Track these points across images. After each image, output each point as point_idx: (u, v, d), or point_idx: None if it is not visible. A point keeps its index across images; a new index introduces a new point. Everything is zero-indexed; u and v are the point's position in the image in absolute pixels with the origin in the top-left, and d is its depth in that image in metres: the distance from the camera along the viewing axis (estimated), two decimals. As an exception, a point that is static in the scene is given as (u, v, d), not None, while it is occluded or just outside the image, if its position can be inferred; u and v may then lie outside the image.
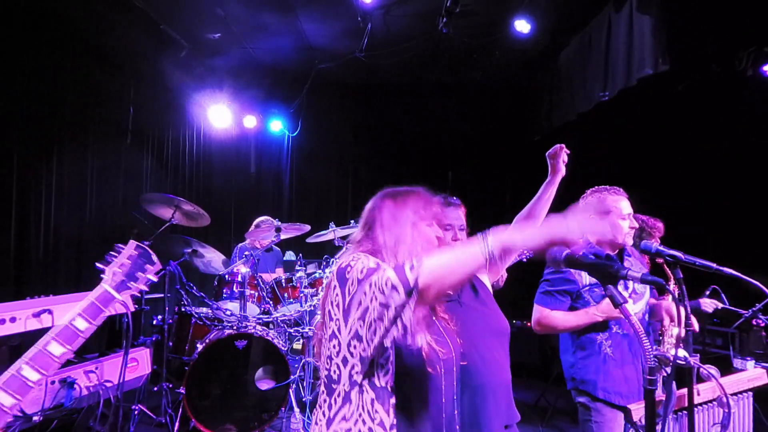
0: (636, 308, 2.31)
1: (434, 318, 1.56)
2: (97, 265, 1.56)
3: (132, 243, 1.62)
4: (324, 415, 1.37)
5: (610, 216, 2.39)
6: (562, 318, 2.27)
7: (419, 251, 1.44)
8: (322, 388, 1.42)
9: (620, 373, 2.20)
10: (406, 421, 1.36)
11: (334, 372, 1.37)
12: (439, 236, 1.55)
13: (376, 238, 1.48)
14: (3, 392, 1.26)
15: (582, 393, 2.27)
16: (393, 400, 1.33)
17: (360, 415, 1.32)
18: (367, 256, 1.39)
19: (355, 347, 1.33)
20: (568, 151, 2.08)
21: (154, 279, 1.61)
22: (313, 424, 1.43)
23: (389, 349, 1.35)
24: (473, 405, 1.76)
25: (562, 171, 2.08)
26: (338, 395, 1.35)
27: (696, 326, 2.27)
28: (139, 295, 1.76)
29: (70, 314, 1.42)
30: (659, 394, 2.49)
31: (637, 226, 2.41)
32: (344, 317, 1.34)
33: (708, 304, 3.05)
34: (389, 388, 1.34)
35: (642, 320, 2.30)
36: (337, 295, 1.36)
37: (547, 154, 2.09)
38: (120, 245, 1.62)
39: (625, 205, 2.40)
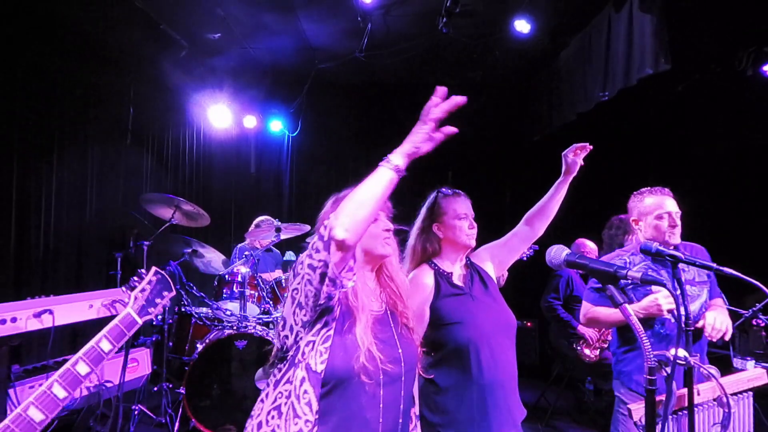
0: (693, 307, 2.35)
1: (392, 323, 1.54)
2: (122, 289, 1.68)
3: (152, 269, 1.73)
4: (274, 376, 1.44)
5: (647, 217, 2.43)
6: (605, 313, 2.40)
7: (361, 255, 1.52)
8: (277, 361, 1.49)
9: None
10: (328, 421, 1.35)
11: (284, 344, 1.43)
12: (387, 228, 1.56)
13: None
14: (35, 408, 1.35)
15: (621, 385, 2.38)
16: (321, 390, 1.35)
17: (295, 387, 1.36)
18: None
19: (296, 314, 1.39)
20: (591, 147, 2.09)
21: (167, 304, 1.74)
22: (265, 386, 1.49)
23: (330, 336, 1.38)
24: (482, 401, 1.77)
25: (576, 170, 2.08)
26: (283, 363, 1.42)
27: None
28: (155, 320, 1.89)
29: (97, 336, 1.51)
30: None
31: (678, 224, 2.38)
32: (290, 292, 1.42)
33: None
34: (321, 375, 1.36)
35: (697, 318, 2.30)
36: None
37: (564, 153, 2.09)
38: (142, 270, 1.72)
39: (668, 204, 2.42)
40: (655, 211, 2.40)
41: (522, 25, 4.70)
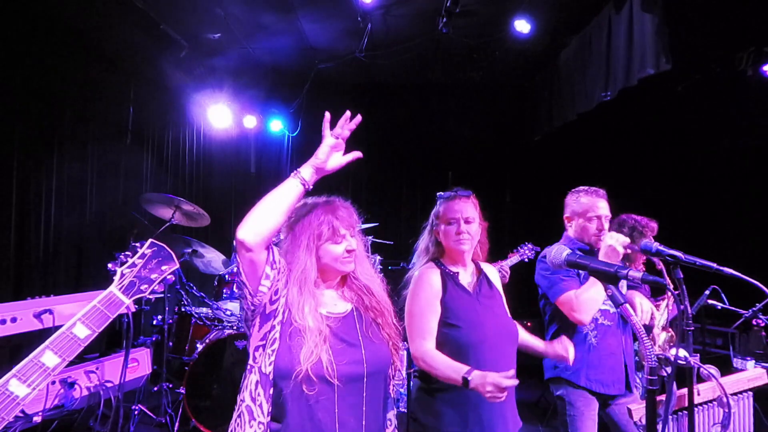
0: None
1: (357, 323, 1.52)
2: (109, 266, 1.43)
3: (149, 241, 1.51)
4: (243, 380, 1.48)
5: (578, 218, 2.41)
6: (590, 293, 2.13)
7: (313, 273, 1.50)
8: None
9: (604, 363, 2.25)
10: (280, 422, 1.37)
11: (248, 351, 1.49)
12: (350, 250, 1.53)
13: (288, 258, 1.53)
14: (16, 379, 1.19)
15: (563, 382, 2.29)
16: (272, 391, 1.38)
17: (251, 391, 1.41)
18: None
19: (248, 320, 1.47)
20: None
21: (170, 278, 1.52)
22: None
23: (276, 339, 1.40)
24: (477, 407, 1.76)
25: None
26: (247, 370, 1.46)
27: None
28: (151, 297, 1.67)
29: (70, 321, 1.27)
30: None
31: (606, 228, 2.36)
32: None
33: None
34: (270, 377, 1.39)
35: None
36: None
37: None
38: (136, 244, 1.50)
39: (601, 207, 2.39)
40: (588, 212, 2.37)
41: (522, 25, 4.70)
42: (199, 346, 3.63)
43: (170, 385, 3.74)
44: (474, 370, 1.60)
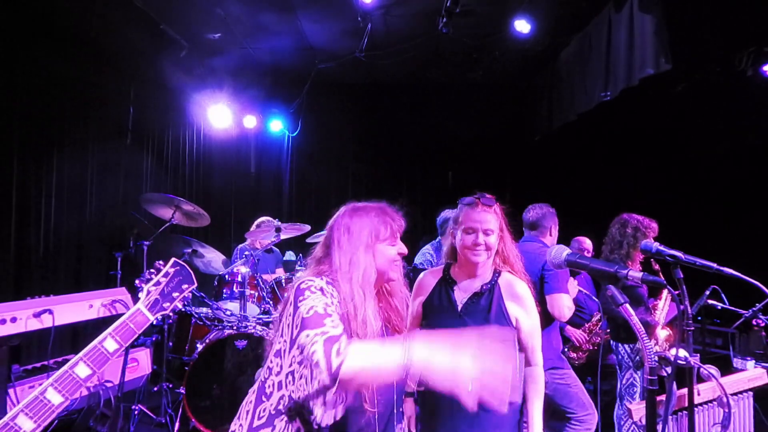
0: None
1: (384, 336, 1.51)
2: (136, 282, 1.53)
3: (171, 260, 1.57)
4: (246, 419, 1.39)
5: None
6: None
7: (374, 275, 1.44)
8: (255, 387, 1.43)
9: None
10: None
11: (269, 387, 1.37)
12: (402, 252, 1.52)
13: (332, 259, 1.45)
14: (24, 416, 1.22)
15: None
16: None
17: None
18: (322, 289, 1.37)
19: (290, 383, 1.34)
20: None
21: (189, 297, 1.62)
22: (236, 418, 1.44)
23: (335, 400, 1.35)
24: (450, 413, 1.76)
25: None
26: (263, 410, 1.36)
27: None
28: (172, 315, 1.72)
29: (102, 335, 1.36)
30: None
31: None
32: (289, 347, 1.34)
33: None
34: (316, 426, 1.33)
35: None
36: (289, 315, 1.35)
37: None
38: (160, 262, 1.56)
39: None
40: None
41: (522, 25, 4.70)
42: (199, 346, 3.62)
43: (170, 385, 3.74)
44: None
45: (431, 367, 1.20)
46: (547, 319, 2.53)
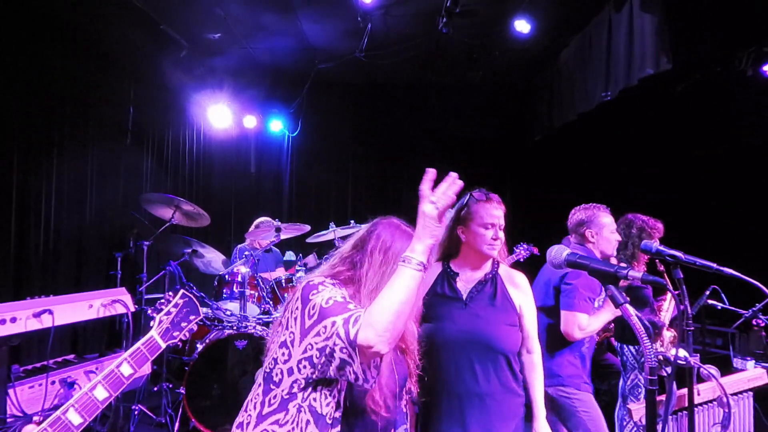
0: None
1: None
2: (149, 312, 1.66)
3: (180, 292, 1.71)
4: (255, 408, 1.38)
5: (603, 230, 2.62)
6: (601, 321, 2.34)
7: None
8: (260, 380, 1.42)
9: (588, 368, 2.44)
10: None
11: (277, 375, 1.36)
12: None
13: (359, 266, 1.43)
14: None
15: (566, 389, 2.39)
16: None
17: (293, 430, 1.32)
18: (334, 285, 1.37)
19: (305, 367, 1.32)
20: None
21: (194, 328, 1.72)
22: (242, 411, 1.43)
23: (342, 382, 1.35)
24: (452, 410, 1.80)
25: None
26: (274, 397, 1.36)
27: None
28: (180, 344, 1.86)
29: (118, 360, 1.48)
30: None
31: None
32: (300, 336, 1.32)
33: None
34: (329, 419, 1.33)
35: None
36: (297, 309, 1.35)
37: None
38: (169, 293, 1.70)
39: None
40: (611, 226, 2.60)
41: (522, 25, 4.70)
42: (199, 346, 3.63)
43: (170, 385, 3.74)
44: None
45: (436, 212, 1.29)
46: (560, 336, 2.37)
